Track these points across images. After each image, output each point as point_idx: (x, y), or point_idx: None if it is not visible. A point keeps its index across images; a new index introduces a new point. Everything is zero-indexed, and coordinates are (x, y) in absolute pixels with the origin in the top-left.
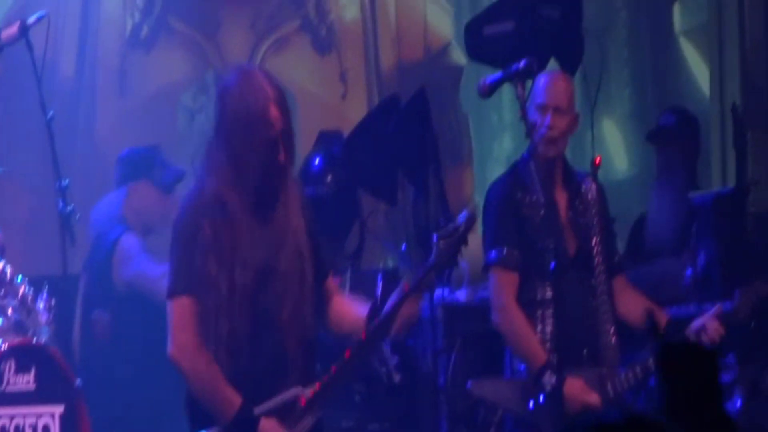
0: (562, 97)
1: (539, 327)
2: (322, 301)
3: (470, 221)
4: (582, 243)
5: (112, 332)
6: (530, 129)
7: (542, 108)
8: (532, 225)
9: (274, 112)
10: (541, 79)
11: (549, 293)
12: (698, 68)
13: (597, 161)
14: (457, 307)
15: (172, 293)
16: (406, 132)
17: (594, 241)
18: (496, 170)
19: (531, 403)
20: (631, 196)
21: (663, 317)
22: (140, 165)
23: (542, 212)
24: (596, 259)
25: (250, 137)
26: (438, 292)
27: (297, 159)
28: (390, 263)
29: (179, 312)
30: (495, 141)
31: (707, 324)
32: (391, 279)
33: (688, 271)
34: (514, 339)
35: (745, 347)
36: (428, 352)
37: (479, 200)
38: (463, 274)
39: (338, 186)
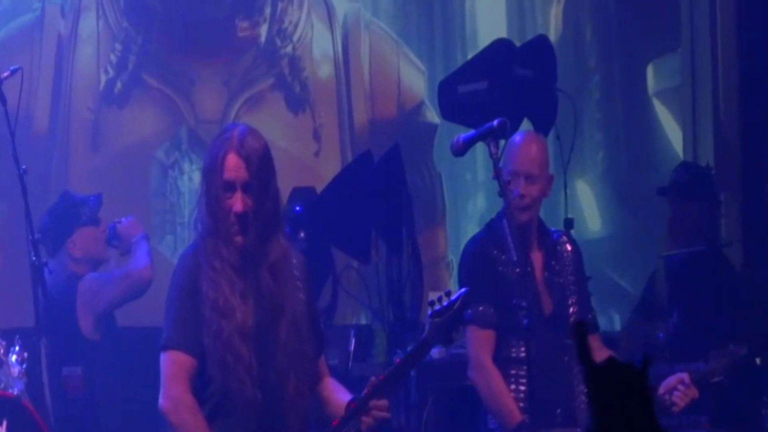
0: (533, 164)
1: (513, 386)
2: (314, 378)
3: (467, 298)
4: (557, 303)
5: (87, 385)
6: (503, 189)
7: (514, 174)
8: (507, 283)
9: (231, 158)
10: (514, 142)
11: (523, 352)
12: (671, 130)
13: None
14: (430, 364)
15: (166, 346)
16: (379, 189)
17: (570, 300)
18: (470, 229)
19: None
20: (604, 258)
21: None
22: (66, 224)
23: (517, 271)
24: (572, 319)
25: (208, 183)
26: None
27: None
28: (363, 320)
29: (172, 366)
30: (469, 200)
31: (680, 387)
32: (364, 335)
33: (660, 332)
34: (489, 397)
35: (716, 408)
36: (401, 408)
37: (453, 259)
38: None
39: (311, 242)
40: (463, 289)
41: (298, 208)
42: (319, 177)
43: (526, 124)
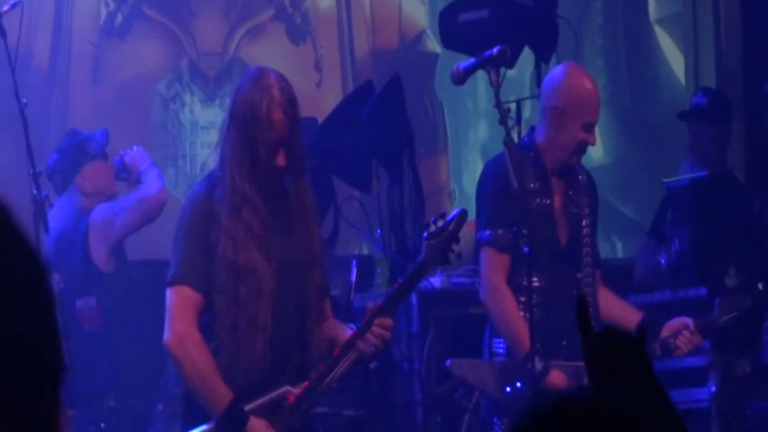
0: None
1: (522, 313)
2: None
3: (461, 219)
4: (573, 233)
5: (103, 315)
6: (504, 118)
7: (591, 126)
8: (530, 213)
9: (278, 115)
10: (587, 89)
11: (536, 281)
12: (673, 56)
13: None
14: (432, 293)
15: (173, 281)
16: (380, 119)
17: (584, 232)
18: (471, 158)
19: (508, 388)
20: (606, 185)
21: (636, 317)
22: (74, 161)
23: (537, 200)
24: (584, 250)
25: (254, 136)
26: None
27: None
28: (364, 249)
29: (178, 300)
30: (470, 129)
31: (684, 332)
32: (366, 265)
33: (663, 258)
34: (501, 320)
35: (719, 334)
36: (403, 337)
37: (455, 187)
38: None
39: (312, 173)
40: (457, 210)
41: None
42: (320, 107)
43: (526, 52)
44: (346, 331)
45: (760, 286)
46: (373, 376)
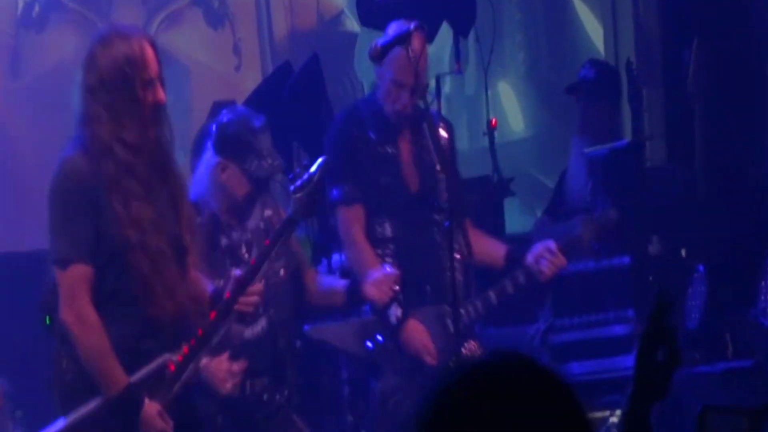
0: (411, 77)
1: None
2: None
3: (324, 169)
4: (425, 180)
5: None
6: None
7: (396, 84)
8: (371, 162)
9: (149, 52)
10: (396, 53)
11: (389, 230)
12: (592, 27)
13: (493, 123)
14: None
15: (62, 262)
16: (299, 99)
17: (438, 177)
18: None
19: (369, 343)
20: (527, 157)
21: (502, 249)
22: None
23: (381, 149)
24: (441, 196)
25: (130, 81)
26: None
27: (191, 132)
28: None
29: (72, 281)
30: None
31: (547, 255)
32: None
33: None
34: (363, 272)
35: (642, 302)
36: None
37: None
38: None
39: None
40: (321, 159)
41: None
42: (240, 91)
43: (445, 28)
44: (206, 284)
45: (683, 252)
46: None
